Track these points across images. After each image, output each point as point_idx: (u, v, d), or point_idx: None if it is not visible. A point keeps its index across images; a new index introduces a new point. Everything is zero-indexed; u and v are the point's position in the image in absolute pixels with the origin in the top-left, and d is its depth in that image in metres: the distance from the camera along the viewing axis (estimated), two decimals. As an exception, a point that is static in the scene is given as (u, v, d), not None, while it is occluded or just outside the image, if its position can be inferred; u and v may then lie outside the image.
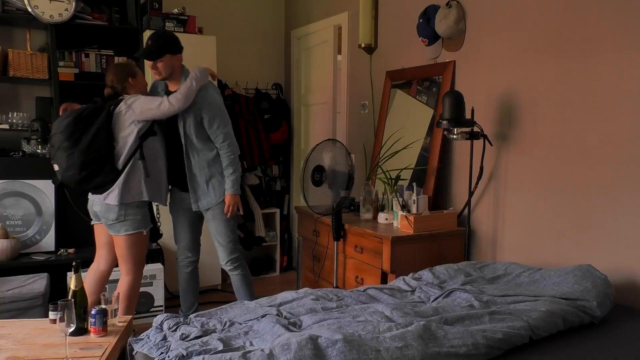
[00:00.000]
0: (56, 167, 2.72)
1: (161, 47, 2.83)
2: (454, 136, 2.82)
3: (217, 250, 3.18)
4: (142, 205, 2.84)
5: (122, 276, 2.91)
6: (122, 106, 2.73)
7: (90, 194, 2.85)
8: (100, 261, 2.99)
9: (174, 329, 1.93)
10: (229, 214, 3.02)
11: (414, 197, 3.02)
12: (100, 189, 2.73)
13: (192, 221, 3.23)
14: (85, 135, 2.64)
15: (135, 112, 2.72)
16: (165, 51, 2.84)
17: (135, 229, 2.79)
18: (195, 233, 3.28)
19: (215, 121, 2.93)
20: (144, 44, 2.99)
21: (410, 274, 2.52)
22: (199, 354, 1.67)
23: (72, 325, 1.82)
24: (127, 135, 2.72)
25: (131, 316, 2.36)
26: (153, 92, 3.07)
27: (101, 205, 2.77)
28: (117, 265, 2.97)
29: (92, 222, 2.97)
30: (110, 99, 2.83)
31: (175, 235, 3.30)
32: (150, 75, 3.12)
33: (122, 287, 2.89)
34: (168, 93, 2.93)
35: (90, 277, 2.97)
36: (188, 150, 2.99)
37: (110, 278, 3.51)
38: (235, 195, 3.02)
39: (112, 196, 2.71)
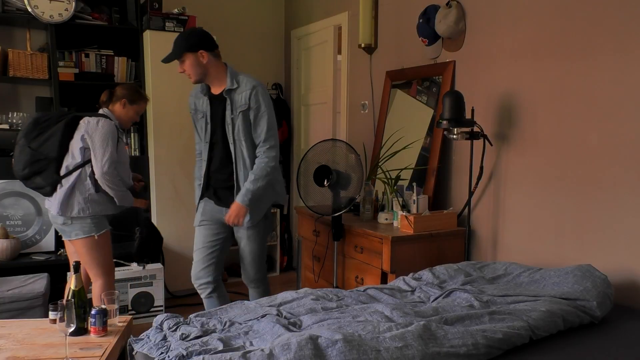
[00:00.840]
0: (13, 162, 2.77)
1: (178, 47, 2.69)
2: (454, 136, 2.82)
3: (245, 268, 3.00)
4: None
5: (93, 282, 2.83)
6: (84, 124, 2.73)
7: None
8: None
9: (174, 329, 1.93)
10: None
11: (414, 197, 3.03)
12: (41, 189, 2.74)
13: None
14: (40, 137, 2.71)
15: (88, 139, 2.71)
16: (182, 50, 2.66)
17: (86, 233, 2.73)
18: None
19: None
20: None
21: (410, 274, 2.52)
22: (199, 354, 1.67)
23: (72, 325, 1.82)
24: (75, 147, 2.72)
25: (131, 316, 2.36)
26: (196, 99, 2.85)
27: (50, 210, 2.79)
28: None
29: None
30: (98, 105, 2.89)
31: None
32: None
33: (95, 293, 2.82)
34: (211, 97, 2.76)
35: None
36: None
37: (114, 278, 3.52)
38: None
39: (54, 207, 2.71)
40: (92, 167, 2.71)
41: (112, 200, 2.79)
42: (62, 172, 2.71)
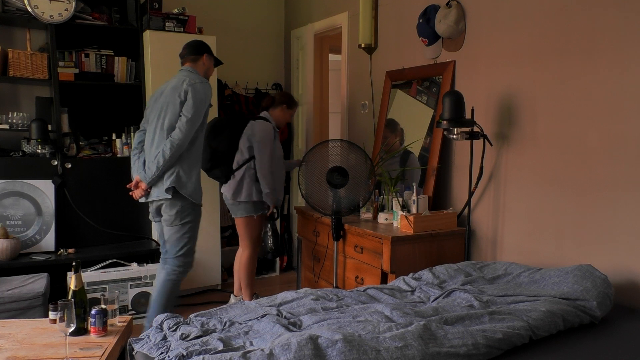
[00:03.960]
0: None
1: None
2: (454, 136, 2.82)
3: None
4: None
5: (242, 252, 3.62)
6: (250, 126, 3.45)
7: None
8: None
9: (174, 328, 1.93)
10: None
11: (414, 197, 3.03)
12: (219, 179, 3.55)
13: None
14: (217, 138, 3.46)
15: (252, 139, 3.41)
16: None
17: (248, 213, 3.49)
18: None
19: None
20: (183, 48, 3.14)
21: (410, 274, 2.52)
22: (199, 353, 1.67)
23: (72, 325, 1.82)
24: (243, 146, 3.43)
25: (131, 316, 2.36)
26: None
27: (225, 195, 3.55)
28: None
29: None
30: (261, 109, 3.63)
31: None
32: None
33: (242, 261, 3.60)
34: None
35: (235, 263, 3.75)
36: None
37: (113, 278, 3.52)
38: None
39: (228, 193, 3.48)
40: (254, 162, 3.41)
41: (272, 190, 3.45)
42: (234, 166, 3.45)
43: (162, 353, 1.76)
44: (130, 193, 3.03)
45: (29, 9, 3.59)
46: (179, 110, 2.86)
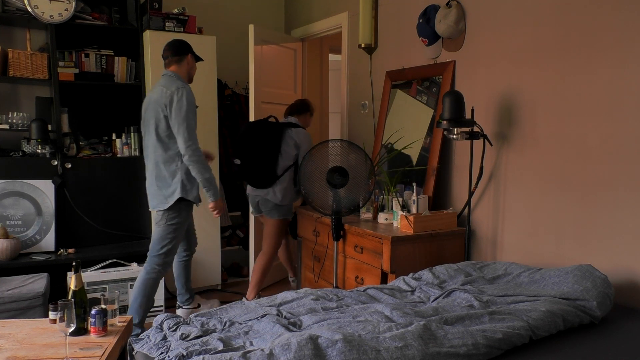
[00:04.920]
0: (237, 161, 3.66)
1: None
2: (454, 136, 2.82)
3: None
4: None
5: (265, 252, 3.72)
6: (292, 132, 3.58)
7: (251, 190, 3.70)
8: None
9: (174, 328, 1.93)
10: None
11: (414, 197, 3.03)
12: (261, 184, 3.57)
13: None
14: (261, 144, 3.53)
15: (303, 144, 3.56)
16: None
17: (282, 215, 3.66)
18: None
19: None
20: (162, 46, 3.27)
21: (410, 274, 2.52)
22: (199, 353, 1.67)
23: (72, 325, 1.82)
24: (290, 152, 3.54)
25: (131, 316, 2.36)
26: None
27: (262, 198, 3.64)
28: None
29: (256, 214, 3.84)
30: (288, 115, 3.79)
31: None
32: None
33: (263, 260, 3.70)
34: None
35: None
36: None
37: (113, 278, 3.52)
38: None
39: (272, 196, 3.56)
40: (295, 167, 3.55)
41: (298, 192, 3.61)
42: (279, 171, 3.53)
43: (162, 353, 1.76)
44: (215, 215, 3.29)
45: (29, 9, 3.59)
46: (167, 123, 3.03)
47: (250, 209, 3.92)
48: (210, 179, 3.07)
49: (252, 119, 4.10)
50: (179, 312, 3.58)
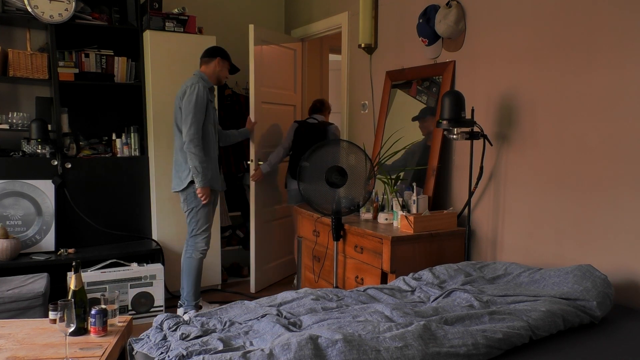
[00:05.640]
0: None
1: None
2: (454, 136, 2.82)
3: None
4: None
5: None
6: (332, 129, 4.12)
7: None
8: None
9: (174, 328, 1.93)
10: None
11: (414, 197, 3.02)
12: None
13: None
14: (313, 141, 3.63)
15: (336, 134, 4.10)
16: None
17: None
18: None
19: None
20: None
21: (410, 274, 2.52)
22: (199, 353, 1.67)
23: (72, 325, 1.82)
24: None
25: (131, 316, 2.36)
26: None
27: None
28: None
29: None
30: (312, 112, 4.28)
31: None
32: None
33: None
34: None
35: None
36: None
37: (113, 278, 3.52)
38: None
39: None
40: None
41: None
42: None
43: (162, 353, 1.76)
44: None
45: (29, 9, 3.59)
46: (181, 114, 3.43)
47: (293, 203, 4.16)
48: (198, 167, 3.36)
49: (252, 119, 4.12)
50: (179, 311, 3.59)
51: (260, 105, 4.20)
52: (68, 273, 3.42)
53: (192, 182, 3.43)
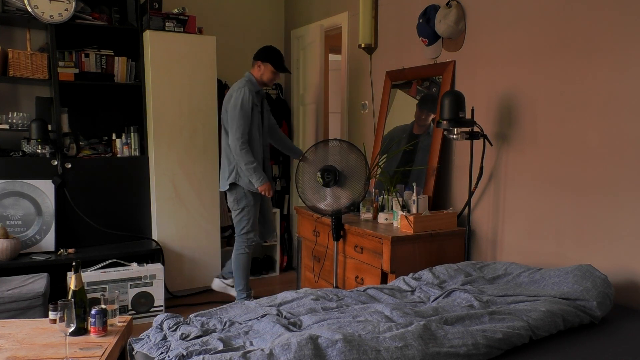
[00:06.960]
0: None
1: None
2: (454, 136, 2.82)
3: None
4: None
5: None
6: None
7: None
8: None
9: (174, 328, 1.93)
10: None
11: (414, 197, 3.03)
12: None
13: None
14: None
15: None
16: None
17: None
18: None
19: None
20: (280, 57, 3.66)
21: (410, 274, 2.52)
22: (199, 353, 1.67)
23: (72, 325, 1.82)
24: None
25: (131, 316, 2.36)
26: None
27: None
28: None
29: None
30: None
31: None
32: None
33: None
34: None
35: None
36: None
37: (113, 278, 3.52)
38: None
39: None
40: None
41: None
42: None
43: (162, 353, 1.76)
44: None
45: (29, 9, 3.59)
46: (227, 116, 3.52)
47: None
48: (249, 169, 3.45)
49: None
50: (213, 284, 3.94)
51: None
52: (68, 273, 3.42)
53: (234, 184, 3.55)
